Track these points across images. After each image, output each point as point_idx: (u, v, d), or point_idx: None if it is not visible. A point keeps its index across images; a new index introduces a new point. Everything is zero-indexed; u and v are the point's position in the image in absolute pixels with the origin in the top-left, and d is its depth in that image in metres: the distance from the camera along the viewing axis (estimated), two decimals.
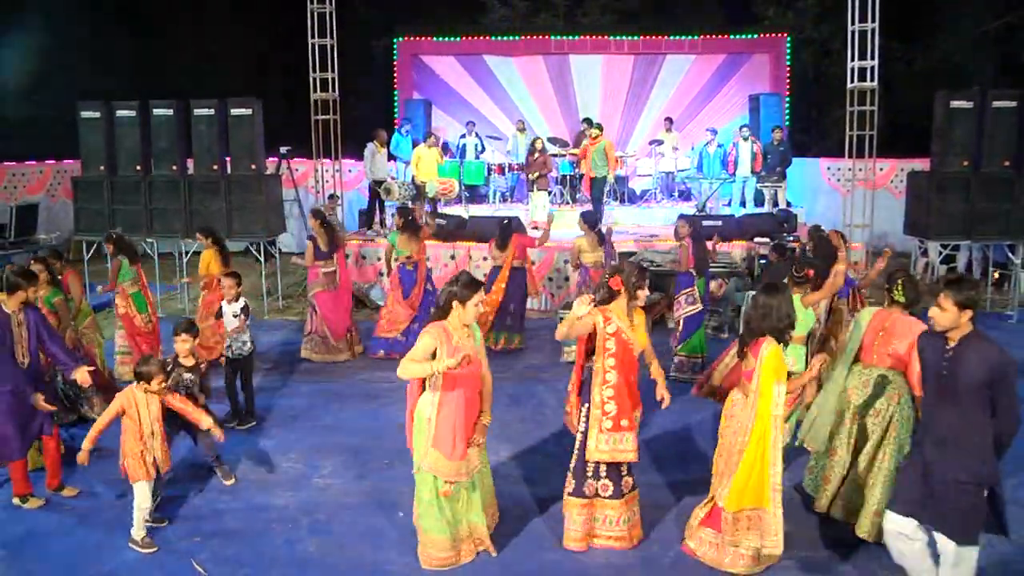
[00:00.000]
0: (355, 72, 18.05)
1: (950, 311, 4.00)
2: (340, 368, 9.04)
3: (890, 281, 5.44)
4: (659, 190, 15.19)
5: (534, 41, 17.24)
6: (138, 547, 5.11)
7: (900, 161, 15.58)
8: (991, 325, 10.66)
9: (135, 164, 11.33)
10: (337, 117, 12.26)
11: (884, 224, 13.65)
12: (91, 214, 11.50)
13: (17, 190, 15.11)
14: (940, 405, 4.13)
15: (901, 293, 5.26)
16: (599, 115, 15.77)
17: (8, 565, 4.99)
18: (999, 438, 4.04)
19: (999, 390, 3.96)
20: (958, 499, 4.05)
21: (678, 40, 16.65)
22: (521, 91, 16.93)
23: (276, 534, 5.30)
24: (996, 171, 10.82)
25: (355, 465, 6.40)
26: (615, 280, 4.90)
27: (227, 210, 11.13)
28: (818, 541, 5.18)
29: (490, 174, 14.97)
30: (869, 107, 11.76)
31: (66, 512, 5.67)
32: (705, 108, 16.82)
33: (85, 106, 11.35)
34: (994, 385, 3.96)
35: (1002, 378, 3.96)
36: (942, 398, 4.11)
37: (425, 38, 17.13)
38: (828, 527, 5.33)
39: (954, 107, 10.87)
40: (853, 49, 11.75)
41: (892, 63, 18.78)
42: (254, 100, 11.31)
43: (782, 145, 13.92)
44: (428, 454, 4.76)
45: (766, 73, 16.73)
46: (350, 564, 4.97)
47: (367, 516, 5.58)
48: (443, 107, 16.96)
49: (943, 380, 4.09)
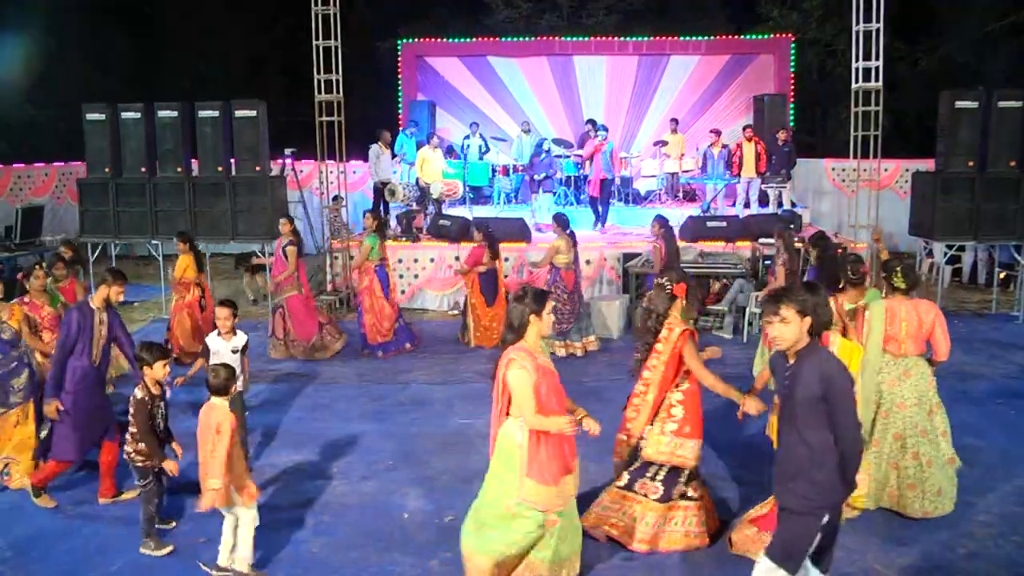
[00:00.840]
0: (359, 74, 18.07)
1: (793, 322, 3.67)
2: (343, 370, 9.05)
3: (887, 269, 5.53)
4: (664, 191, 15.18)
5: (538, 42, 17.26)
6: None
7: (905, 161, 15.56)
8: (997, 326, 10.65)
9: (140, 166, 11.33)
10: (341, 119, 12.26)
11: (889, 225, 13.62)
12: (96, 216, 11.51)
13: (23, 192, 15.15)
14: (782, 428, 3.84)
15: (901, 279, 5.36)
16: (603, 116, 15.76)
17: (14, 565, 5.00)
18: (841, 460, 3.64)
19: (834, 406, 3.59)
20: (789, 524, 3.75)
21: (682, 41, 16.64)
22: (525, 92, 16.93)
23: (281, 535, 5.30)
24: (1002, 171, 10.78)
25: (360, 466, 6.40)
26: (680, 287, 4.96)
27: (232, 212, 11.13)
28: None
29: (494, 175, 14.97)
30: (874, 107, 11.72)
31: (72, 513, 5.67)
32: (709, 109, 16.81)
33: (90, 108, 11.36)
34: (829, 400, 3.59)
35: (836, 391, 3.58)
36: (783, 420, 3.83)
37: (429, 39, 17.15)
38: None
39: (959, 107, 10.83)
40: (857, 49, 11.72)
41: (897, 63, 18.79)
42: (258, 102, 11.31)
43: (787, 146, 13.90)
44: (524, 484, 4.34)
45: (770, 74, 16.70)
46: (355, 565, 4.97)
47: (372, 517, 5.57)
48: (447, 108, 16.97)
49: (784, 401, 3.80)
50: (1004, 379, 8.42)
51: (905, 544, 5.09)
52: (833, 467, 3.64)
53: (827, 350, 3.79)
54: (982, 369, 8.71)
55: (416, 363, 9.24)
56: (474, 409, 7.64)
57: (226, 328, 5.96)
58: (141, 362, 5.04)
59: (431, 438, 6.97)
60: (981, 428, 6.87)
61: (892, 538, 5.16)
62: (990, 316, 11.24)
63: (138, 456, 5.04)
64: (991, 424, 7.07)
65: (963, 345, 9.53)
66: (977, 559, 4.92)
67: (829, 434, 3.63)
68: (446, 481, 6.10)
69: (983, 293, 12.37)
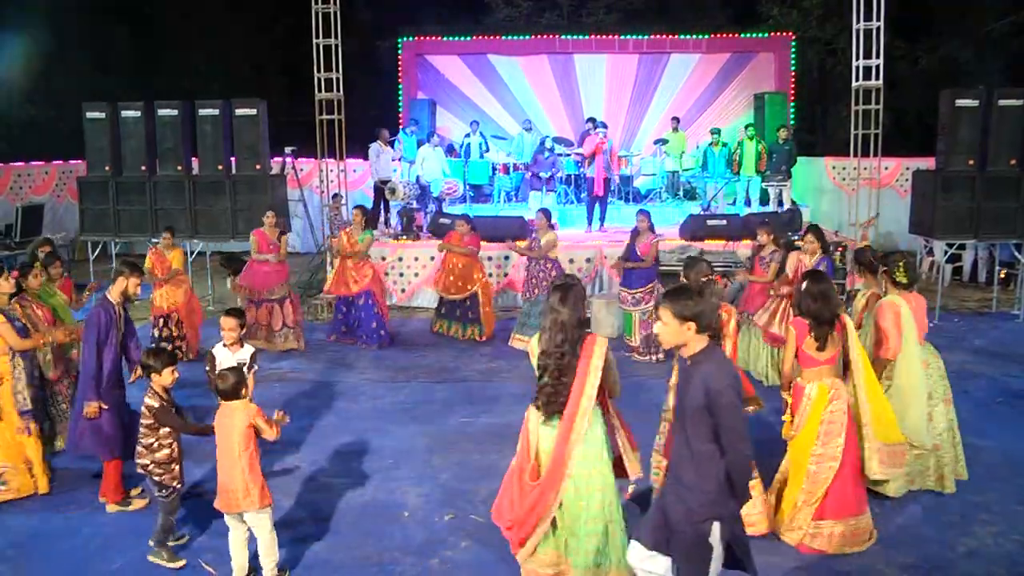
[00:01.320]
0: (360, 72, 18.06)
1: (670, 324, 3.57)
2: (341, 368, 9.05)
3: (889, 264, 5.50)
4: (664, 189, 15.18)
5: (538, 41, 17.24)
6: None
7: (905, 160, 15.54)
8: (997, 325, 10.66)
9: (140, 165, 11.34)
10: (342, 117, 12.25)
11: (889, 223, 13.62)
12: (96, 215, 11.52)
13: (23, 191, 15.15)
14: (676, 436, 3.73)
15: (903, 274, 5.40)
16: (604, 114, 15.75)
17: (16, 565, 5.00)
18: (729, 471, 3.51)
19: (717, 417, 3.45)
20: (681, 538, 3.61)
21: (683, 39, 16.64)
22: (526, 90, 16.92)
23: (281, 534, 5.28)
24: (1002, 170, 10.77)
25: (360, 465, 6.40)
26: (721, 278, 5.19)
27: (232, 210, 11.14)
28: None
29: (494, 174, 14.97)
30: (874, 106, 11.71)
31: (72, 512, 5.67)
32: (710, 107, 16.81)
33: (90, 107, 11.37)
34: (712, 411, 3.45)
35: (719, 401, 3.43)
36: (676, 426, 3.72)
37: (429, 38, 17.15)
38: None
39: (960, 106, 10.82)
40: (858, 48, 11.71)
41: (897, 62, 18.77)
42: (259, 100, 11.32)
43: (787, 144, 13.90)
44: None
45: (771, 72, 16.70)
46: (355, 564, 4.97)
47: (372, 516, 5.57)
48: (448, 107, 16.96)
49: (678, 406, 3.69)
50: (1004, 378, 8.41)
51: (905, 542, 5.09)
52: (722, 478, 3.52)
53: (723, 356, 3.65)
54: (982, 368, 8.71)
55: (416, 361, 9.24)
56: (474, 408, 7.65)
57: (232, 339, 5.56)
58: (149, 369, 4.91)
59: (431, 437, 6.97)
60: (981, 427, 6.86)
61: (892, 536, 5.17)
62: (990, 315, 11.25)
63: (156, 468, 4.93)
64: (991, 423, 7.07)
65: (963, 344, 9.54)
66: (977, 557, 4.93)
67: (715, 445, 3.51)
68: (446, 480, 6.10)
69: (983, 292, 12.37)
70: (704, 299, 3.66)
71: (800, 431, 5.00)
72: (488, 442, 6.79)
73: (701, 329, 3.55)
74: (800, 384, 5.02)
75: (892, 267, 5.51)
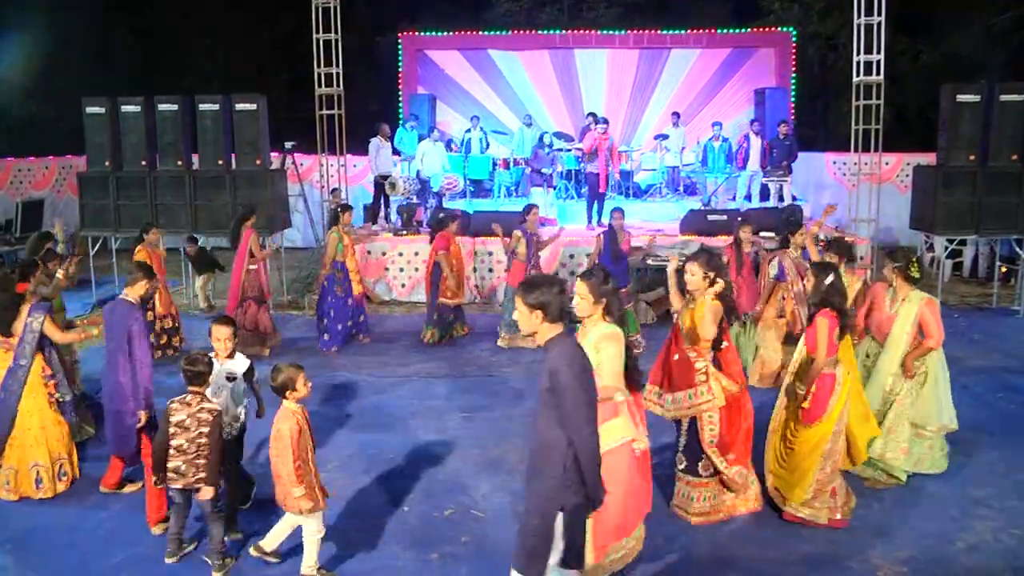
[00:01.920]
0: (360, 67, 18.04)
1: (521, 311, 3.65)
2: (343, 363, 9.04)
3: (900, 260, 5.71)
4: (664, 184, 15.17)
5: (539, 36, 17.22)
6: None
7: (906, 155, 15.52)
8: (998, 321, 10.66)
9: (140, 160, 11.33)
10: (342, 112, 12.24)
11: (890, 219, 13.60)
12: (96, 210, 11.50)
13: (23, 186, 15.14)
14: (533, 422, 3.77)
15: (918, 269, 5.57)
16: (604, 110, 15.72)
17: (17, 559, 5.01)
18: (576, 460, 3.53)
19: (559, 400, 3.49)
20: (527, 530, 3.67)
21: (683, 34, 16.61)
22: (526, 86, 16.89)
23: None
24: (1003, 165, 10.76)
25: (361, 460, 6.40)
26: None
27: (232, 205, 11.10)
28: (822, 532, 5.19)
29: (495, 169, 14.96)
30: (875, 101, 11.69)
31: (74, 505, 5.68)
32: (710, 103, 16.77)
33: (90, 102, 11.34)
34: (554, 393, 3.50)
35: (559, 381, 3.48)
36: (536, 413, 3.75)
37: (430, 33, 17.12)
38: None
39: (961, 101, 10.80)
40: (859, 43, 11.68)
41: (898, 57, 18.73)
42: (258, 95, 11.30)
43: (787, 139, 13.89)
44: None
45: (772, 67, 16.67)
46: (355, 559, 4.98)
47: (373, 511, 5.58)
48: (448, 102, 16.94)
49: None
50: (1004, 373, 8.41)
51: (904, 537, 5.11)
52: (568, 464, 3.54)
53: (572, 343, 3.68)
54: (982, 363, 8.71)
55: (417, 356, 9.24)
56: (475, 403, 7.65)
57: (224, 350, 5.12)
58: (200, 378, 4.80)
59: (432, 432, 6.97)
60: (980, 422, 6.87)
61: (891, 530, 5.18)
62: (991, 310, 11.24)
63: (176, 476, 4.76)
64: (991, 418, 7.08)
65: (963, 339, 9.53)
66: (976, 552, 4.94)
67: (561, 431, 3.53)
68: (447, 475, 6.11)
69: (984, 287, 12.36)
70: (550, 289, 3.63)
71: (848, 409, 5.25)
72: (488, 438, 6.79)
73: (550, 318, 3.60)
74: (830, 372, 5.19)
75: (905, 263, 5.64)
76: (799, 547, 5.01)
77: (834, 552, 4.96)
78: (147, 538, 5.20)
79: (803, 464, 5.19)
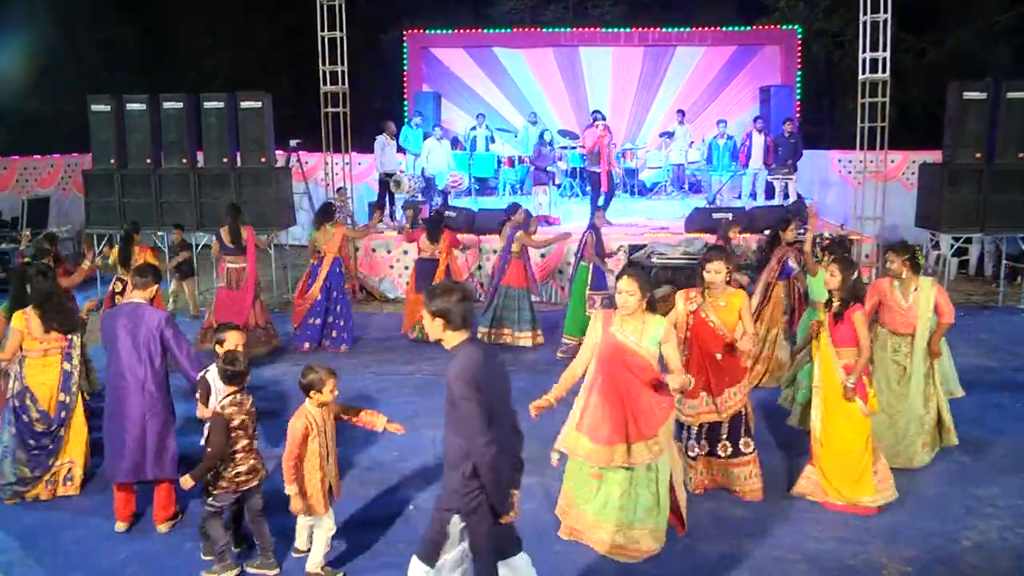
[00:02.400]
0: (365, 65, 18.06)
1: (426, 318, 3.72)
2: (348, 360, 9.05)
3: (905, 250, 6.06)
4: (669, 182, 15.15)
5: (544, 33, 17.20)
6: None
7: (912, 153, 15.46)
8: (1003, 319, 10.62)
9: (145, 157, 11.37)
10: (347, 110, 12.26)
11: (895, 217, 13.55)
12: (101, 207, 11.54)
13: (28, 183, 15.17)
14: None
15: (923, 258, 6.07)
16: (609, 108, 15.70)
17: (21, 557, 5.03)
18: (476, 469, 3.57)
19: (455, 407, 3.57)
20: (429, 522, 3.80)
21: (688, 32, 16.57)
22: (531, 83, 16.88)
23: (284, 525, 5.31)
24: (1009, 163, 10.74)
25: (365, 457, 6.42)
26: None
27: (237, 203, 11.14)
28: (827, 531, 5.18)
29: (500, 167, 14.96)
30: (881, 99, 11.67)
31: (76, 503, 5.70)
32: (716, 100, 16.74)
33: (95, 100, 11.38)
34: (450, 401, 3.58)
35: (452, 390, 3.55)
36: None
37: (435, 31, 17.11)
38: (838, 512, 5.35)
39: (967, 98, 10.78)
40: (865, 40, 11.66)
41: (904, 54, 18.67)
42: (264, 93, 11.32)
43: (793, 137, 13.86)
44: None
45: (777, 65, 16.63)
46: (361, 556, 4.99)
47: (378, 508, 5.59)
48: (453, 100, 16.94)
49: None
50: (1010, 372, 8.40)
51: (909, 535, 5.09)
52: (466, 471, 3.59)
53: (471, 352, 3.66)
54: (988, 362, 8.69)
55: (420, 353, 9.24)
56: None
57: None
58: (241, 378, 4.71)
59: (436, 428, 6.95)
60: (986, 421, 6.87)
61: (895, 529, 5.17)
62: (996, 309, 11.21)
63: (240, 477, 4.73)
64: (997, 416, 7.07)
65: (969, 337, 9.50)
66: (981, 550, 4.93)
67: (458, 438, 3.60)
68: None
69: (989, 285, 12.33)
70: (450, 297, 3.66)
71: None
72: None
73: (451, 326, 3.65)
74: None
75: (912, 252, 6.02)
76: (803, 545, 5.01)
77: (838, 550, 4.95)
78: (153, 535, 5.21)
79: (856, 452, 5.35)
